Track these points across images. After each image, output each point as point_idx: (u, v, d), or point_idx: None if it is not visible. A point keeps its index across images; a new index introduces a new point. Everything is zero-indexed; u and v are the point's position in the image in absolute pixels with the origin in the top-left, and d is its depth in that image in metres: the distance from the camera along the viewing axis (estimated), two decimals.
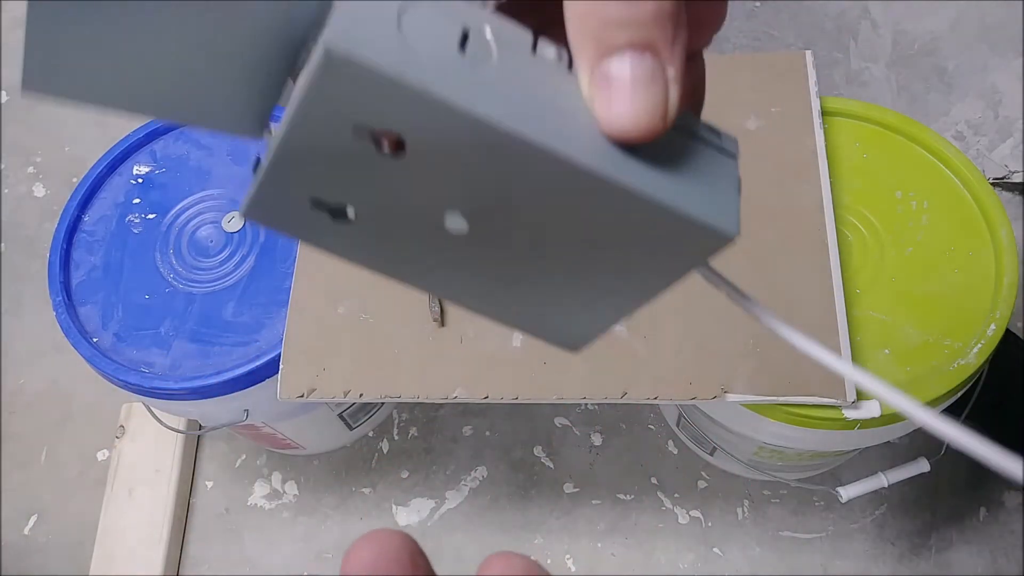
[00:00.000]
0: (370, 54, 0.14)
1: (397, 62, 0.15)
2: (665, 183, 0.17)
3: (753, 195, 0.66)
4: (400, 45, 0.15)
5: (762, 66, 0.71)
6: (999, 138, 1.04)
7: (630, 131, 0.17)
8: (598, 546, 0.88)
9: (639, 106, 0.17)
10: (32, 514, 0.96)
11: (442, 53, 0.15)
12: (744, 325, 0.60)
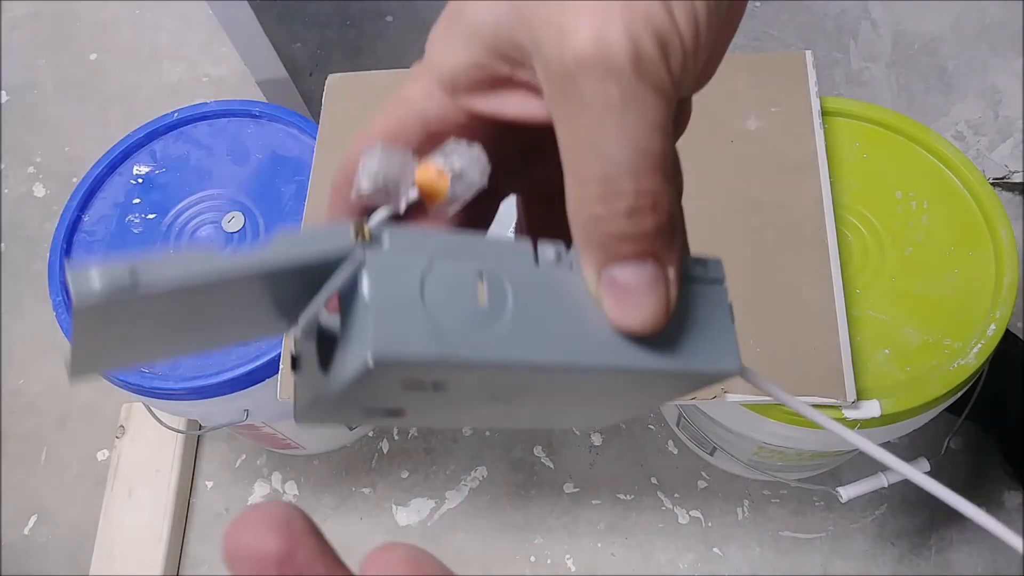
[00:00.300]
0: (408, 349, 0.16)
1: (432, 345, 0.17)
2: (671, 349, 0.20)
3: (753, 195, 0.66)
4: (430, 323, 0.17)
5: (762, 66, 0.71)
6: (999, 138, 1.04)
7: (638, 330, 0.19)
8: (598, 546, 0.88)
9: (646, 310, 0.19)
10: (32, 514, 0.96)
11: (466, 315, 0.17)
12: (744, 326, 0.60)
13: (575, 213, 0.19)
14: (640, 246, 0.18)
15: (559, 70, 0.18)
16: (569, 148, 0.18)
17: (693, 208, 0.73)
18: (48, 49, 1.33)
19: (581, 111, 0.18)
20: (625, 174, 0.18)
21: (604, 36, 0.17)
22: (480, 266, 0.18)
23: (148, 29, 1.32)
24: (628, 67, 0.17)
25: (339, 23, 1.27)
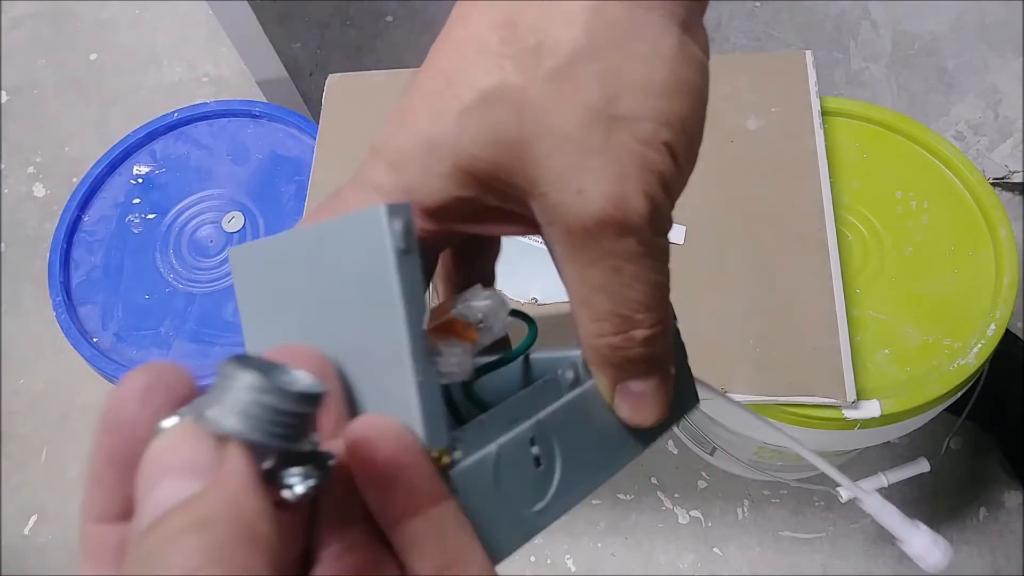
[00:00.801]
0: (502, 552, 0.19)
1: (518, 537, 0.20)
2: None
3: (753, 195, 0.66)
4: (509, 513, 0.20)
5: (762, 66, 0.71)
6: (999, 138, 1.04)
7: (651, 425, 0.22)
8: (598, 546, 0.88)
9: (658, 409, 0.22)
10: (32, 514, 0.96)
11: (531, 485, 0.20)
12: (744, 325, 0.60)
13: (591, 341, 0.20)
14: (652, 364, 0.21)
15: (577, 227, 0.19)
16: (583, 289, 0.20)
17: (693, 208, 0.73)
18: (48, 49, 1.33)
19: (597, 261, 0.19)
20: (641, 310, 0.20)
21: (624, 199, 0.18)
22: (530, 429, 0.21)
23: (148, 29, 1.32)
24: (646, 225, 0.19)
25: (339, 23, 1.27)
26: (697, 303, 0.61)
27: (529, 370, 0.25)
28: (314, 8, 1.29)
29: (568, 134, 0.18)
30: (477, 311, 0.22)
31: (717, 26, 1.19)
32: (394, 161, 0.20)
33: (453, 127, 0.19)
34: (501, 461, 0.20)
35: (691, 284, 0.62)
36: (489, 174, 0.19)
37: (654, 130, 0.19)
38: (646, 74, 0.18)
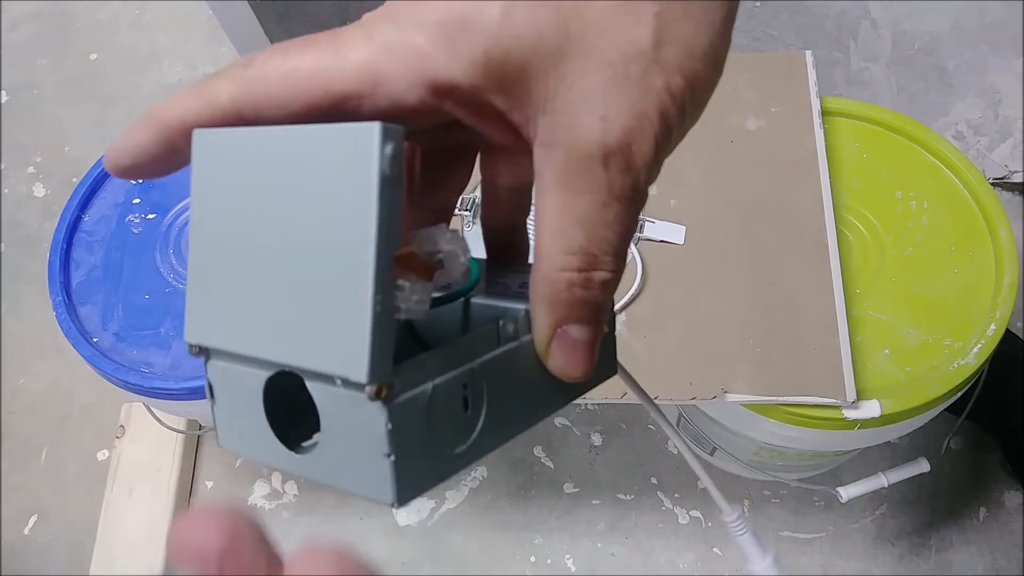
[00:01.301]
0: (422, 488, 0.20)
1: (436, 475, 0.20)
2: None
3: (753, 195, 0.66)
4: (434, 451, 0.20)
5: (762, 66, 0.71)
6: (999, 138, 1.04)
7: (580, 378, 0.22)
8: (598, 546, 0.88)
9: (586, 361, 0.22)
10: (32, 514, 0.96)
11: (457, 426, 0.21)
12: (744, 325, 0.60)
13: (549, 274, 0.20)
14: (598, 311, 0.21)
15: (585, 152, 0.19)
16: (563, 219, 0.20)
17: (693, 208, 0.73)
18: (48, 49, 1.33)
19: (590, 191, 0.19)
20: (610, 253, 0.20)
21: (638, 137, 0.19)
22: (464, 375, 0.21)
23: (148, 29, 1.32)
24: (644, 169, 0.19)
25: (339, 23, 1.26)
26: (697, 303, 0.61)
27: (468, 312, 0.25)
28: (314, 8, 1.29)
29: (610, 60, 0.18)
30: (438, 252, 0.22)
31: None
32: (421, 25, 0.19)
33: (498, 12, 0.18)
34: (434, 401, 0.20)
35: (691, 284, 0.62)
36: (513, 74, 0.19)
37: (682, 87, 0.19)
38: (693, 34, 0.19)
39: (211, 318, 0.21)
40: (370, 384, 0.18)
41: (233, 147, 0.20)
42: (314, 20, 1.28)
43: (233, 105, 0.20)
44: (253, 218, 0.20)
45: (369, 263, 0.18)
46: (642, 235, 0.64)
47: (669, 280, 0.63)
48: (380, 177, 0.18)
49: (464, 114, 0.20)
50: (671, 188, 0.66)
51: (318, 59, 0.19)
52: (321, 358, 0.19)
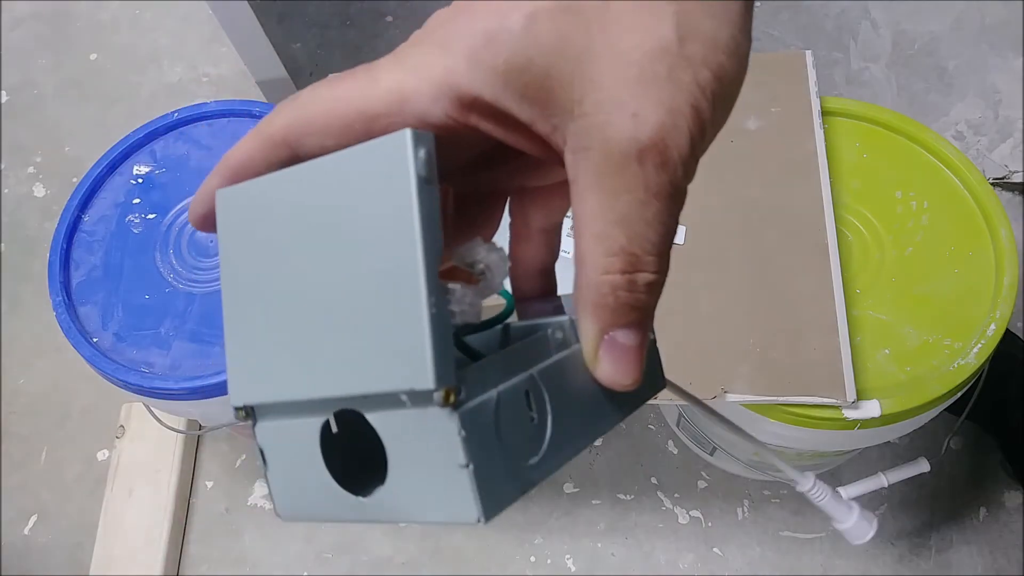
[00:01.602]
0: (504, 502, 0.19)
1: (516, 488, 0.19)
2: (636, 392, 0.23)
3: (753, 195, 0.66)
4: (508, 463, 0.19)
5: (762, 66, 0.71)
6: (999, 138, 1.04)
7: (629, 387, 0.22)
8: (598, 546, 0.88)
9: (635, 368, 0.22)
10: (32, 514, 0.96)
11: (526, 435, 0.20)
12: (744, 325, 0.60)
13: (592, 278, 0.20)
14: (644, 315, 0.21)
15: (620, 151, 0.19)
16: (602, 220, 0.19)
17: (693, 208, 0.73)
18: (48, 49, 1.33)
19: (628, 191, 0.19)
20: (652, 253, 0.20)
21: (673, 132, 0.19)
22: (526, 381, 0.20)
23: (148, 29, 1.32)
24: (681, 165, 0.19)
25: (339, 23, 1.27)
26: (697, 303, 0.61)
27: (507, 337, 0.24)
28: (314, 8, 1.29)
29: (636, 59, 0.19)
30: (479, 262, 0.22)
31: None
32: (442, 43, 0.19)
33: (520, 23, 0.19)
34: (501, 408, 0.19)
35: (691, 284, 0.62)
36: (537, 81, 0.19)
37: (710, 80, 0.19)
38: (715, 30, 0.19)
39: (255, 374, 0.20)
40: (437, 390, 0.17)
41: (256, 196, 0.20)
42: (314, 20, 1.28)
43: (284, 136, 0.21)
44: (287, 258, 0.20)
45: (418, 266, 0.17)
46: None
47: (669, 280, 0.62)
48: (417, 179, 0.17)
49: (491, 127, 0.20)
50: None
51: (352, 86, 0.20)
52: (380, 378, 0.18)
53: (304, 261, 0.19)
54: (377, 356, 0.18)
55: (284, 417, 0.20)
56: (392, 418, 0.18)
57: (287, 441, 0.20)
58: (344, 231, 0.18)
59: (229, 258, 0.21)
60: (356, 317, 0.18)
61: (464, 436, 0.18)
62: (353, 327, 0.18)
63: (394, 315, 0.18)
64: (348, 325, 0.18)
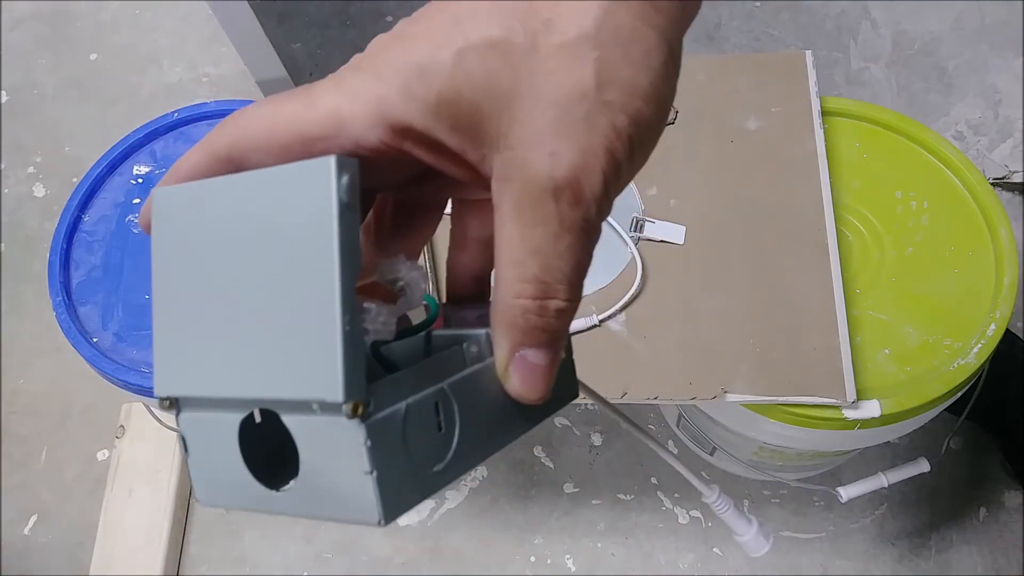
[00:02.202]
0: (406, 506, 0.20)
1: (418, 492, 0.21)
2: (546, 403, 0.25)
3: (753, 195, 0.66)
4: (413, 469, 0.20)
5: (762, 66, 0.71)
6: (999, 138, 1.04)
7: (536, 401, 0.23)
8: (598, 546, 0.88)
9: (542, 385, 0.23)
10: (32, 514, 0.96)
11: (433, 445, 0.21)
12: (744, 325, 0.60)
13: (507, 300, 0.21)
14: (553, 337, 0.22)
15: (538, 187, 0.20)
16: (518, 248, 0.21)
17: (693, 208, 0.73)
18: (48, 49, 1.33)
19: (543, 223, 0.20)
20: (563, 282, 0.21)
21: (587, 172, 0.20)
22: (435, 394, 0.22)
23: (148, 29, 1.32)
24: (594, 203, 0.21)
25: (339, 23, 1.27)
26: (697, 303, 0.61)
27: (430, 345, 0.26)
28: (314, 8, 1.29)
29: (557, 100, 0.20)
30: (400, 279, 0.23)
31: (717, 26, 1.19)
32: (379, 73, 0.21)
33: (451, 59, 0.20)
34: (409, 419, 0.20)
35: (691, 284, 0.62)
36: (466, 115, 0.20)
37: (626, 124, 0.21)
38: (634, 77, 0.21)
39: (180, 367, 0.22)
40: (346, 403, 0.19)
41: (191, 198, 0.22)
42: (314, 20, 1.28)
43: (228, 152, 0.22)
44: (215, 263, 0.21)
45: (334, 286, 0.19)
46: (642, 235, 0.64)
47: (669, 280, 0.63)
48: (339, 204, 0.19)
49: (423, 153, 0.21)
50: (671, 188, 0.66)
51: (293, 107, 0.21)
52: (295, 386, 0.19)
53: (232, 265, 0.21)
54: (294, 365, 0.19)
55: (206, 410, 0.22)
56: (305, 422, 0.20)
57: (208, 432, 0.22)
58: (270, 243, 0.20)
59: (161, 253, 0.23)
60: (277, 325, 0.20)
61: (369, 446, 0.19)
62: (273, 334, 0.20)
63: (311, 329, 0.19)
64: (269, 332, 0.20)
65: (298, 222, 0.19)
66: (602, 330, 0.61)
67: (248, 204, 0.20)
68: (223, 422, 0.21)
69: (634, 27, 0.21)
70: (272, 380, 0.20)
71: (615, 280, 0.63)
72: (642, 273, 0.62)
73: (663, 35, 0.21)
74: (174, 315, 0.22)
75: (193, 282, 0.22)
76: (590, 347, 0.60)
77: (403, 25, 0.22)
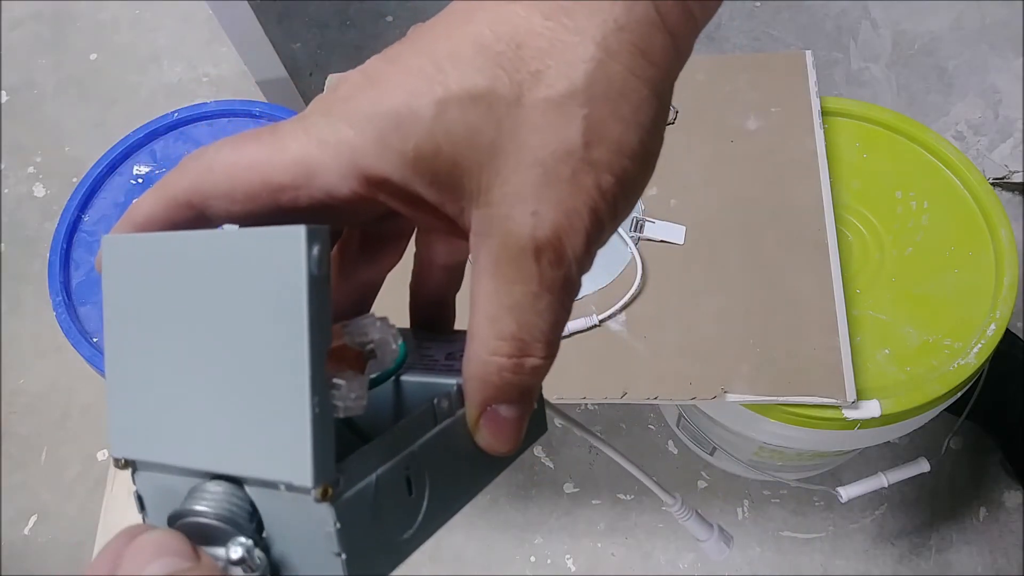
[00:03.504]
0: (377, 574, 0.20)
1: (388, 563, 0.20)
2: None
3: (753, 195, 0.66)
4: (382, 538, 0.20)
5: (762, 66, 0.71)
6: (999, 138, 1.04)
7: (507, 453, 0.23)
8: (598, 546, 0.88)
9: (514, 438, 0.22)
10: (32, 514, 0.96)
11: (403, 511, 0.21)
12: (744, 325, 0.60)
13: (481, 356, 0.21)
14: (526, 393, 0.22)
15: (517, 245, 0.20)
16: (495, 305, 0.20)
17: (693, 208, 0.73)
18: (48, 49, 1.33)
19: (522, 282, 0.20)
20: (540, 340, 0.21)
21: (569, 233, 0.20)
22: (405, 459, 0.21)
23: (148, 29, 1.32)
24: (575, 262, 0.20)
25: (339, 23, 1.27)
26: (697, 303, 0.61)
27: (400, 391, 0.25)
28: (314, 8, 1.29)
29: (541, 159, 0.19)
30: (369, 341, 0.22)
31: (717, 26, 1.19)
32: (351, 119, 0.20)
33: (430, 110, 0.19)
34: (379, 491, 0.20)
35: (691, 284, 0.62)
36: (445, 169, 0.19)
37: (612, 184, 0.20)
38: (622, 135, 0.20)
39: (136, 429, 0.21)
40: (315, 488, 0.18)
41: (148, 252, 0.20)
42: (314, 20, 1.28)
43: (188, 198, 0.21)
44: (174, 323, 0.20)
45: (304, 366, 0.18)
46: (642, 235, 0.64)
47: (669, 280, 0.63)
48: (309, 278, 0.17)
49: (398, 205, 0.21)
50: (671, 188, 0.66)
51: (258, 152, 0.20)
52: (261, 465, 0.18)
53: (191, 327, 0.19)
54: (258, 442, 0.18)
55: (164, 473, 0.21)
56: (271, 496, 0.19)
57: (166, 494, 0.21)
58: (234, 310, 0.19)
59: (114, 306, 0.21)
60: (239, 398, 0.19)
61: (339, 528, 0.18)
62: (236, 407, 0.19)
63: (277, 406, 0.18)
64: (231, 403, 0.19)
65: (264, 291, 0.18)
66: (602, 330, 0.61)
67: (208, 266, 0.19)
68: (183, 485, 0.20)
69: (625, 80, 0.20)
70: (235, 456, 0.19)
71: (615, 280, 0.63)
72: (642, 273, 0.62)
73: (654, 87, 0.20)
74: (129, 372, 0.21)
75: (149, 340, 0.20)
76: (590, 347, 0.60)
77: (377, 64, 0.20)
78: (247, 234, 0.18)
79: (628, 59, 0.20)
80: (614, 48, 0.19)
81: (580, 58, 0.19)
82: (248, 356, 0.18)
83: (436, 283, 0.27)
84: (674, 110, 0.68)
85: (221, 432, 0.19)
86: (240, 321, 0.19)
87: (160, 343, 0.20)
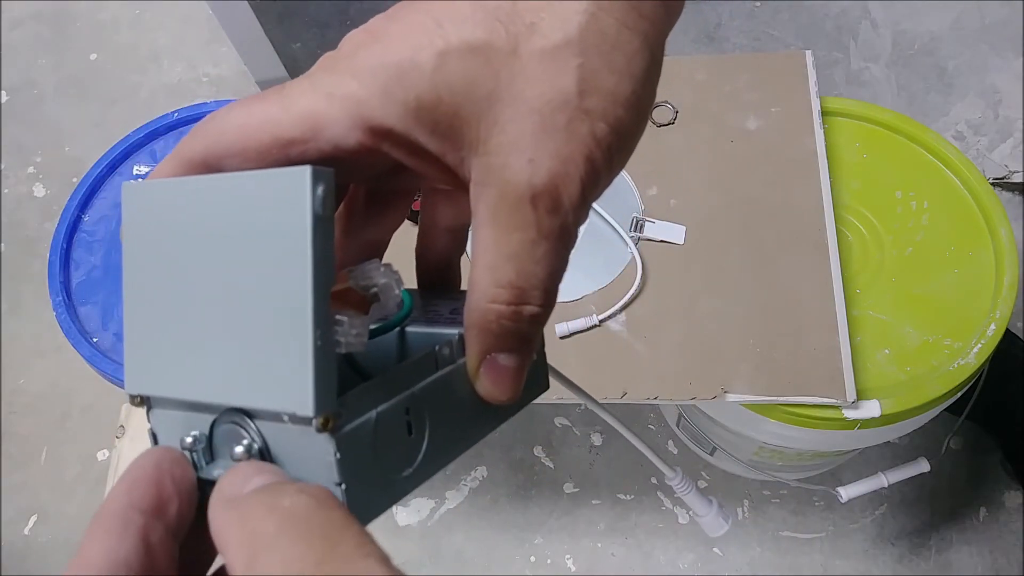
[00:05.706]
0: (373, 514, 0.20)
1: (386, 499, 0.21)
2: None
3: (753, 195, 0.66)
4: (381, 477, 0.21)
5: (762, 66, 0.71)
6: (999, 138, 1.04)
7: (506, 402, 0.23)
8: (598, 546, 0.88)
9: (513, 387, 0.23)
10: (32, 514, 0.96)
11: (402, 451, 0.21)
12: (744, 325, 0.60)
13: (481, 304, 0.21)
14: (526, 342, 0.22)
15: (515, 193, 0.20)
16: (494, 253, 0.21)
17: (693, 208, 0.73)
18: (48, 49, 1.33)
19: (520, 229, 0.20)
20: (538, 288, 0.21)
21: (565, 180, 0.20)
22: (406, 400, 0.22)
23: (148, 29, 1.32)
24: (572, 210, 0.21)
25: (339, 23, 1.27)
26: (697, 303, 0.61)
27: (404, 340, 0.25)
28: (314, 8, 1.29)
29: (537, 107, 0.20)
30: (373, 285, 0.23)
31: (717, 26, 1.19)
32: (356, 73, 0.20)
33: (431, 62, 0.20)
34: (379, 427, 0.20)
35: (691, 284, 0.62)
36: (446, 119, 0.20)
37: (607, 132, 0.20)
38: (616, 85, 0.20)
39: (150, 367, 0.22)
40: (316, 417, 0.18)
41: (163, 197, 0.22)
42: (314, 20, 1.28)
43: (204, 159, 0.22)
44: (187, 264, 0.21)
45: (307, 300, 0.18)
46: (642, 235, 0.64)
47: (669, 280, 0.63)
48: (313, 217, 0.18)
49: (402, 155, 0.21)
50: (671, 188, 0.66)
51: (267, 109, 0.21)
52: (267, 397, 0.19)
53: (203, 267, 0.20)
54: (264, 375, 0.19)
55: (176, 409, 0.22)
56: (276, 427, 0.20)
57: (179, 432, 0.21)
58: (243, 248, 0.20)
59: (132, 251, 0.23)
60: (247, 333, 0.20)
61: (339, 458, 0.19)
62: (244, 342, 0.20)
63: (282, 340, 0.19)
64: (239, 339, 0.20)
65: (272, 230, 0.19)
66: (602, 330, 0.61)
67: (221, 207, 0.20)
68: (194, 421, 0.21)
69: (618, 32, 0.20)
70: (243, 388, 0.20)
71: (615, 280, 0.63)
72: (642, 273, 0.62)
73: (646, 39, 0.21)
74: (145, 312, 0.22)
75: (164, 281, 0.22)
76: (590, 347, 0.60)
77: (379, 22, 0.21)
78: (256, 176, 0.19)
79: (621, 12, 0.20)
80: (607, 1, 0.20)
81: (574, 10, 0.20)
82: (255, 293, 0.19)
83: (441, 246, 0.27)
84: (674, 110, 0.68)
85: (230, 366, 0.20)
86: (248, 259, 0.19)
87: (173, 283, 0.21)
